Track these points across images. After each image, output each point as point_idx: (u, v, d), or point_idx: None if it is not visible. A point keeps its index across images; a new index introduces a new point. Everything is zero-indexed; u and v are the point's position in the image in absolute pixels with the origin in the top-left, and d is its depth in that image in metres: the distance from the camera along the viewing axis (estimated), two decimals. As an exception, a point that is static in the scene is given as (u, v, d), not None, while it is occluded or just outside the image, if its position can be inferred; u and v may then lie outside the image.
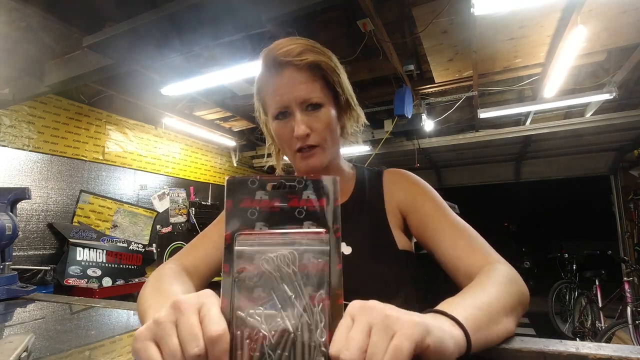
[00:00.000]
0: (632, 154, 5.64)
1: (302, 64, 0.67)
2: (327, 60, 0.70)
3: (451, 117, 4.50)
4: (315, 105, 0.68)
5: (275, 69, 0.68)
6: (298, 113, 0.67)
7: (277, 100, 0.68)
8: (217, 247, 0.74)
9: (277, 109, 0.69)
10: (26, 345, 0.42)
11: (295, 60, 0.66)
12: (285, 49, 0.67)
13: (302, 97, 0.67)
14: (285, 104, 0.68)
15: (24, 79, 3.00)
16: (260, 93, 0.74)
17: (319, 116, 0.69)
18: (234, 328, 0.33)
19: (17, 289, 0.91)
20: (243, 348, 0.33)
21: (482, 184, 7.24)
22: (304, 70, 0.67)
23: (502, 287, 0.51)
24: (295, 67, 0.67)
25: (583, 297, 4.23)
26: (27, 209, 3.34)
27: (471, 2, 2.16)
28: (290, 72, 0.67)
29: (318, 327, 0.33)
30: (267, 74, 0.70)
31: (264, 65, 0.70)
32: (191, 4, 1.96)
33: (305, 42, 0.69)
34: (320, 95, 0.68)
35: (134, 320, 0.67)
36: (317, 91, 0.68)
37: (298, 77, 0.67)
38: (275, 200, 0.36)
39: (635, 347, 0.40)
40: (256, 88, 0.75)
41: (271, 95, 0.69)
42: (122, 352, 0.46)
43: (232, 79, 3.27)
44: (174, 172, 5.00)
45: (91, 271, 3.70)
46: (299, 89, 0.67)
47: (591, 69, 3.69)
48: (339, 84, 0.71)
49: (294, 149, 0.69)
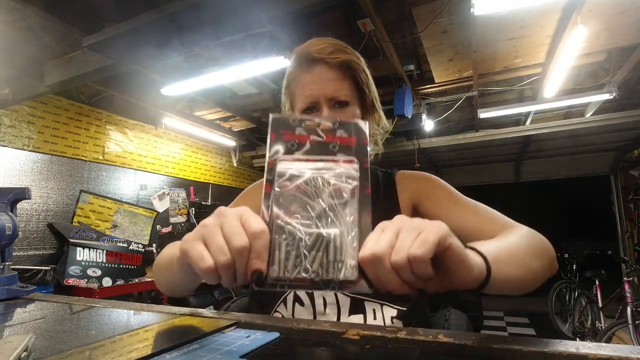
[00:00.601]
0: (632, 154, 5.64)
1: (334, 62, 0.70)
2: (357, 60, 0.73)
3: (451, 117, 4.50)
4: (343, 102, 0.71)
5: (307, 65, 0.71)
6: (325, 109, 0.70)
7: (307, 95, 0.70)
8: None
9: (305, 103, 0.71)
10: (26, 345, 0.42)
11: (327, 57, 0.70)
12: (318, 46, 0.70)
13: (330, 93, 0.70)
14: (314, 99, 0.70)
15: (24, 79, 3.00)
16: (289, 87, 0.77)
17: (345, 113, 0.71)
18: (272, 234, 0.37)
19: (17, 289, 0.91)
20: (281, 248, 0.36)
21: (482, 184, 7.24)
22: (334, 69, 0.70)
23: (524, 237, 0.55)
24: (326, 64, 0.70)
25: (583, 297, 4.23)
26: (27, 209, 3.34)
27: (471, 2, 2.15)
28: (321, 68, 0.70)
29: (349, 234, 0.37)
30: (298, 69, 0.73)
31: (296, 60, 0.73)
32: (191, 4, 1.96)
33: (337, 43, 0.73)
34: (348, 93, 0.71)
35: (134, 320, 0.67)
36: (345, 89, 0.71)
37: (328, 74, 0.70)
38: (313, 135, 0.41)
39: (635, 347, 0.40)
40: (285, 82, 0.78)
41: (301, 90, 0.72)
42: (122, 352, 0.46)
43: (232, 79, 3.27)
44: (174, 172, 5.00)
45: (91, 271, 3.70)
46: (328, 85, 0.70)
47: (591, 69, 3.68)
48: (366, 85, 0.74)
49: None
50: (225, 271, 0.36)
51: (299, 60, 0.72)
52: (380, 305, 0.67)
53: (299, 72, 0.73)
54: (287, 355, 0.45)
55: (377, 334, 0.48)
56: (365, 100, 0.75)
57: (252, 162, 6.46)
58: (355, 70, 0.72)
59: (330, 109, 0.70)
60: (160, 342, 0.48)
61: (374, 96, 0.77)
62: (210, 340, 0.48)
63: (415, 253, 0.33)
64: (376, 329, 0.50)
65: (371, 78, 0.77)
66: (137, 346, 0.47)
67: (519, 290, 0.49)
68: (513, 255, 0.47)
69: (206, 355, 0.42)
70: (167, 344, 0.46)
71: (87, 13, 2.31)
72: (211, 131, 5.05)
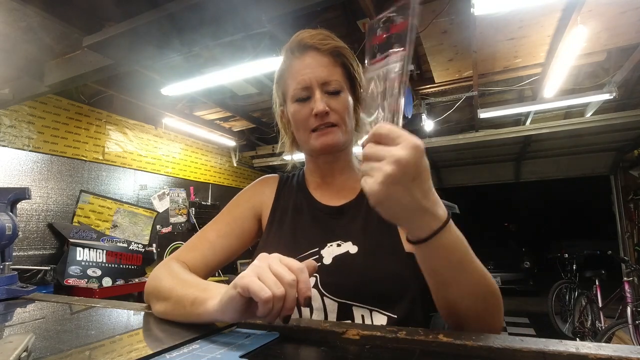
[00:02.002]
0: (632, 154, 5.65)
1: (325, 48, 0.71)
2: (347, 49, 0.74)
3: (451, 117, 4.50)
4: (335, 91, 0.71)
5: (299, 52, 0.72)
6: (318, 92, 0.70)
7: (299, 80, 0.71)
8: (215, 250, 0.74)
9: (297, 89, 0.71)
10: (26, 345, 0.42)
11: (319, 44, 0.71)
12: (309, 34, 0.72)
13: (323, 78, 0.70)
14: (307, 84, 0.70)
15: (24, 79, 3.00)
16: (280, 80, 0.77)
17: (338, 99, 0.71)
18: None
19: (17, 289, 0.91)
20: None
21: (482, 184, 7.25)
22: (326, 55, 0.71)
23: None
24: (317, 50, 0.71)
25: (583, 297, 4.23)
26: (27, 209, 3.34)
27: (471, 2, 2.15)
28: (313, 54, 0.71)
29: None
30: (290, 57, 0.74)
31: (288, 50, 0.74)
32: (191, 4, 1.96)
33: (327, 32, 0.74)
34: (340, 80, 0.72)
35: (134, 320, 0.67)
36: (337, 75, 0.72)
37: (320, 59, 0.71)
38: (384, 33, 0.49)
39: (635, 347, 0.40)
40: (277, 76, 0.79)
41: (293, 76, 0.72)
42: (122, 352, 0.46)
43: (232, 79, 3.26)
44: (174, 172, 5.00)
45: (91, 271, 3.69)
46: (320, 70, 0.70)
47: (591, 69, 3.68)
48: (357, 73, 0.75)
49: (310, 128, 0.71)
50: (278, 302, 0.44)
51: (291, 50, 0.73)
52: (369, 312, 0.65)
53: (291, 60, 0.73)
54: (287, 355, 0.45)
55: (377, 334, 0.48)
56: (356, 89, 0.76)
57: (252, 162, 6.46)
58: (346, 58, 0.73)
59: (322, 93, 0.70)
60: (160, 342, 0.48)
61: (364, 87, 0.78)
62: (210, 340, 0.48)
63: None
64: (376, 329, 0.50)
65: (361, 68, 0.77)
66: (137, 346, 0.47)
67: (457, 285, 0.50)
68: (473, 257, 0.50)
69: (206, 355, 0.42)
70: (167, 344, 0.46)
71: (87, 13, 2.30)
72: (211, 131, 5.05)
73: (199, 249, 0.74)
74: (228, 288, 0.48)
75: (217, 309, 0.49)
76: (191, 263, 0.72)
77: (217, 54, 3.04)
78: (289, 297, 0.44)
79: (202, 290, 0.55)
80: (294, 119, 0.73)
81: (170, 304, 0.59)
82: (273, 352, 0.45)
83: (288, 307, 0.44)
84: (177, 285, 0.60)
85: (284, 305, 0.44)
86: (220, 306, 0.49)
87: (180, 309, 0.57)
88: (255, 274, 0.45)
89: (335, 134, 0.71)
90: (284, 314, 0.45)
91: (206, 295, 0.53)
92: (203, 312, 0.52)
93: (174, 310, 0.58)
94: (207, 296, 0.53)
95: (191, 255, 0.73)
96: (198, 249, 0.74)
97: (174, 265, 0.68)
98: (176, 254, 0.74)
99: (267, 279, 0.44)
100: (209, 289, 0.55)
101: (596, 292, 3.89)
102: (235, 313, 0.47)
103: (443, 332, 0.47)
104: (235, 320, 0.51)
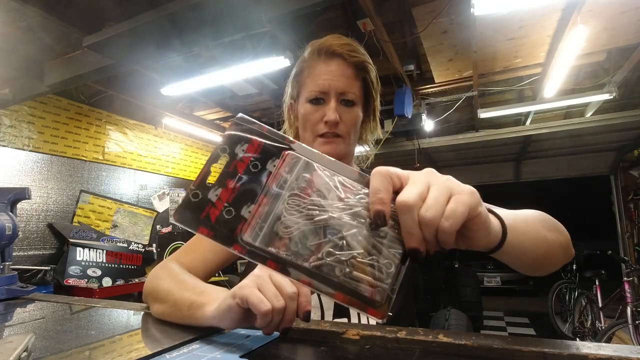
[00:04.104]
0: (632, 154, 5.64)
1: (352, 60, 0.73)
2: (371, 66, 0.76)
3: (451, 117, 4.50)
4: (350, 102, 0.73)
5: (325, 56, 0.73)
6: (333, 101, 0.72)
7: (319, 84, 0.72)
8: (214, 252, 0.74)
9: (314, 92, 0.73)
10: (26, 345, 0.42)
11: (347, 54, 0.72)
12: (341, 42, 0.73)
13: (342, 88, 0.72)
14: (326, 89, 0.72)
15: (24, 79, 3.00)
16: (298, 75, 0.78)
17: (350, 112, 0.74)
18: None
19: (17, 289, 0.91)
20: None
21: (482, 184, 7.24)
22: (350, 67, 0.73)
23: (538, 213, 0.53)
24: (344, 60, 0.73)
25: (583, 297, 4.23)
26: (27, 209, 3.34)
27: (471, 2, 2.15)
28: (338, 62, 0.73)
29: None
30: (315, 58, 0.75)
31: (315, 50, 0.75)
32: (191, 4, 1.96)
33: (357, 45, 0.76)
34: (357, 93, 0.74)
35: (134, 320, 0.67)
36: (355, 88, 0.74)
37: (344, 70, 0.73)
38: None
39: (635, 347, 0.40)
40: (297, 70, 0.79)
41: (313, 78, 0.74)
42: (122, 352, 0.46)
43: (232, 79, 3.26)
44: (174, 172, 5.00)
45: (91, 271, 3.69)
46: (342, 80, 0.72)
47: (591, 69, 3.68)
48: (375, 90, 0.77)
49: (318, 133, 0.73)
50: (277, 314, 0.42)
51: (318, 51, 0.74)
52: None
53: (315, 61, 0.74)
54: (287, 355, 0.45)
55: (377, 334, 0.48)
56: (369, 105, 0.78)
57: (252, 162, 6.45)
58: (368, 74, 0.75)
59: (337, 103, 0.72)
60: (160, 342, 0.48)
61: (376, 105, 0.80)
62: (210, 340, 0.48)
63: (443, 225, 0.32)
64: (376, 328, 0.50)
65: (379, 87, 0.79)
66: (137, 346, 0.47)
67: (533, 261, 0.48)
68: (529, 224, 0.46)
69: (206, 355, 0.42)
70: (167, 344, 0.46)
71: (87, 13, 2.30)
72: (211, 131, 5.05)
73: (198, 250, 0.74)
74: (226, 296, 0.47)
75: (214, 316, 0.48)
76: (191, 264, 0.72)
77: (217, 54, 3.04)
78: (289, 310, 0.43)
79: (199, 293, 0.55)
80: (303, 118, 0.75)
81: (168, 306, 0.59)
82: (273, 352, 0.45)
83: (287, 320, 0.44)
84: (175, 287, 0.60)
85: (283, 318, 0.43)
86: (217, 313, 0.48)
87: (177, 312, 0.56)
88: (255, 285, 0.44)
89: (339, 144, 0.74)
90: (283, 326, 0.44)
91: (203, 299, 0.53)
92: (200, 317, 0.51)
93: (172, 313, 0.58)
94: (204, 301, 0.52)
95: (191, 257, 0.73)
96: (198, 250, 0.74)
97: (172, 266, 0.68)
98: (176, 255, 0.74)
99: (267, 290, 0.43)
100: (206, 293, 0.54)
101: (596, 292, 3.88)
102: (232, 322, 0.47)
103: (443, 332, 0.47)
104: (232, 328, 0.50)
